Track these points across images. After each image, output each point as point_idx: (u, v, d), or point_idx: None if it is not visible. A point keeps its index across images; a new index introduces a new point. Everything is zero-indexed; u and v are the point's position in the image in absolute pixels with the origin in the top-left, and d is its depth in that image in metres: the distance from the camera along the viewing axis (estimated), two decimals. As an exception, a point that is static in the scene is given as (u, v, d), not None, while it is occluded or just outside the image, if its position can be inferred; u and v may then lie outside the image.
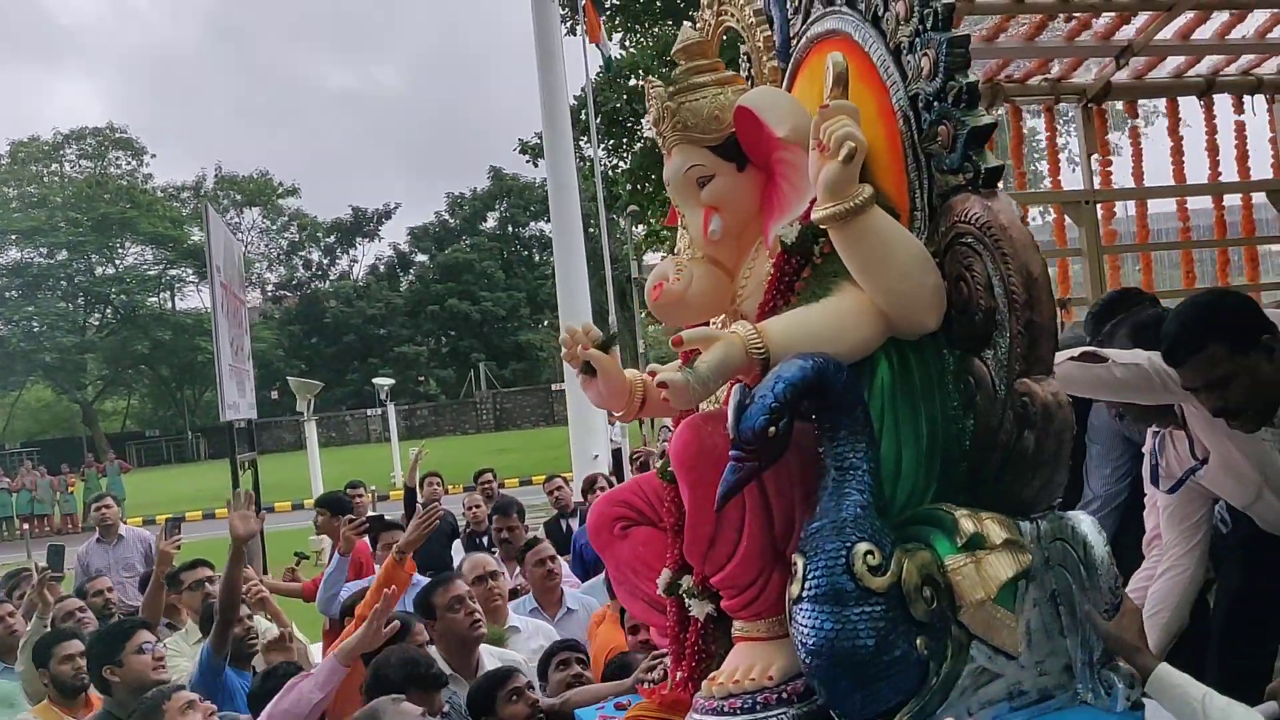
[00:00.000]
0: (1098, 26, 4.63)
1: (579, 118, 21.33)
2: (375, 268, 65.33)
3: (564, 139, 15.04)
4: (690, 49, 2.87)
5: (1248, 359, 2.98)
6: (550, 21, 15.28)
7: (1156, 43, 4.76)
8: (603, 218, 22.90)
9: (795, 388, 2.27)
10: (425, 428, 51.27)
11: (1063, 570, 2.49)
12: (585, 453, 13.99)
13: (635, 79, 26.48)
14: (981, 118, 2.49)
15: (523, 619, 5.55)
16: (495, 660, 4.57)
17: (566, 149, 15.23)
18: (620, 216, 33.50)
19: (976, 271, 2.44)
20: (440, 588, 4.73)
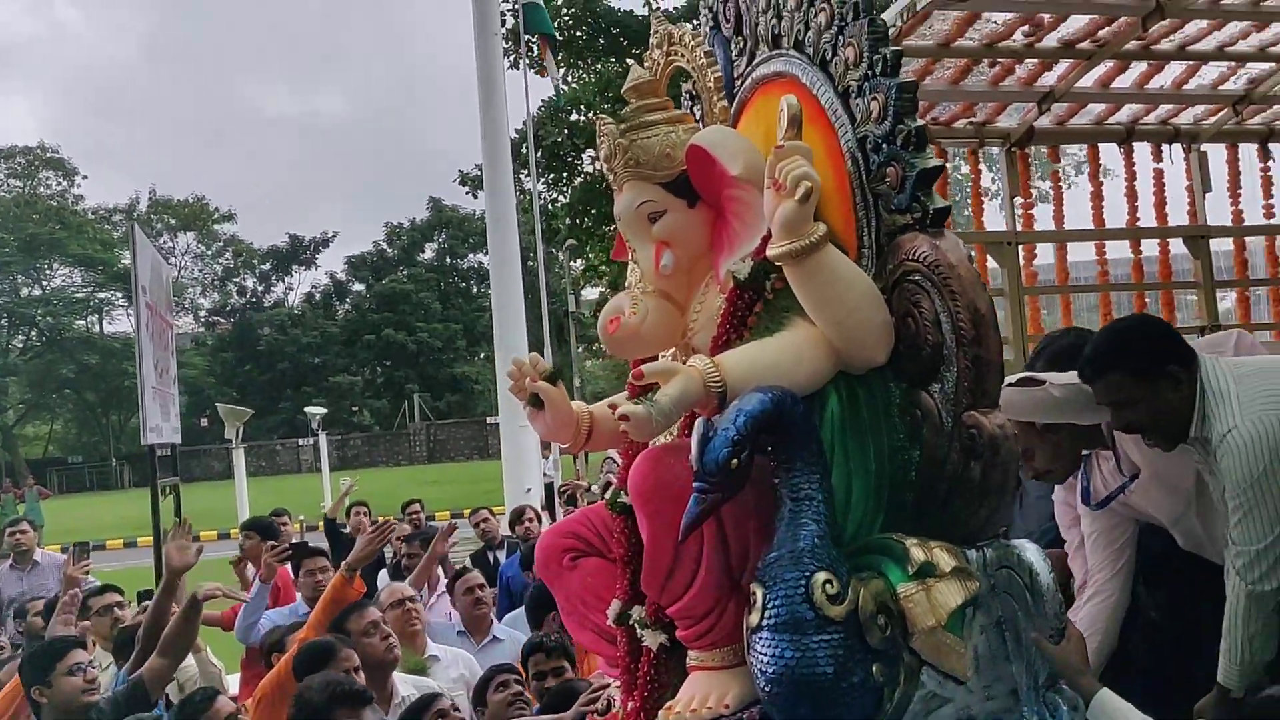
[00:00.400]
0: (1021, 73, 4.74)
1: (520, 151, 21.38)
2: (311, 296, 64.71)
3: (504, 171, 15.06)
4: (641, 88, 2.93)
5: (1150, 386, 3.12)
6: (493, 54, 15.33)
7: (1077, 90, 4.87)
8: (540, 251, 22.92)
9: (756, 420, 2.31)
10: (358, 458, 50.73)
11: (1008, 597, 2.55)
12: (518, 486, 13.92)
13: (577, 114, 26.69)
14: (930, 160, 2.57)
15: (442, 648, 5.52)
16: (410, 688, 4.53)
17: (506, 181, 15.25)
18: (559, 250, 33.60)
19: (924, 308, 2.51)
20: (354, 614, 4.70)
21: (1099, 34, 4.49)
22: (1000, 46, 4.48)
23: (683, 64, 3.02)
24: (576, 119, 26.65)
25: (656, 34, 3.05)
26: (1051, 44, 4.55)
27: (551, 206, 28.43)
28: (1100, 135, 5.29)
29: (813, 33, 2.84)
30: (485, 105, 14.96)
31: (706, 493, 2.30)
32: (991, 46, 4.45)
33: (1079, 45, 4.56)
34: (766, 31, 3.05)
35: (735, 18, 3.20)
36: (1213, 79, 5.08)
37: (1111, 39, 4.52)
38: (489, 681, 4.46)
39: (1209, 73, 5.02)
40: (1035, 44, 4.52)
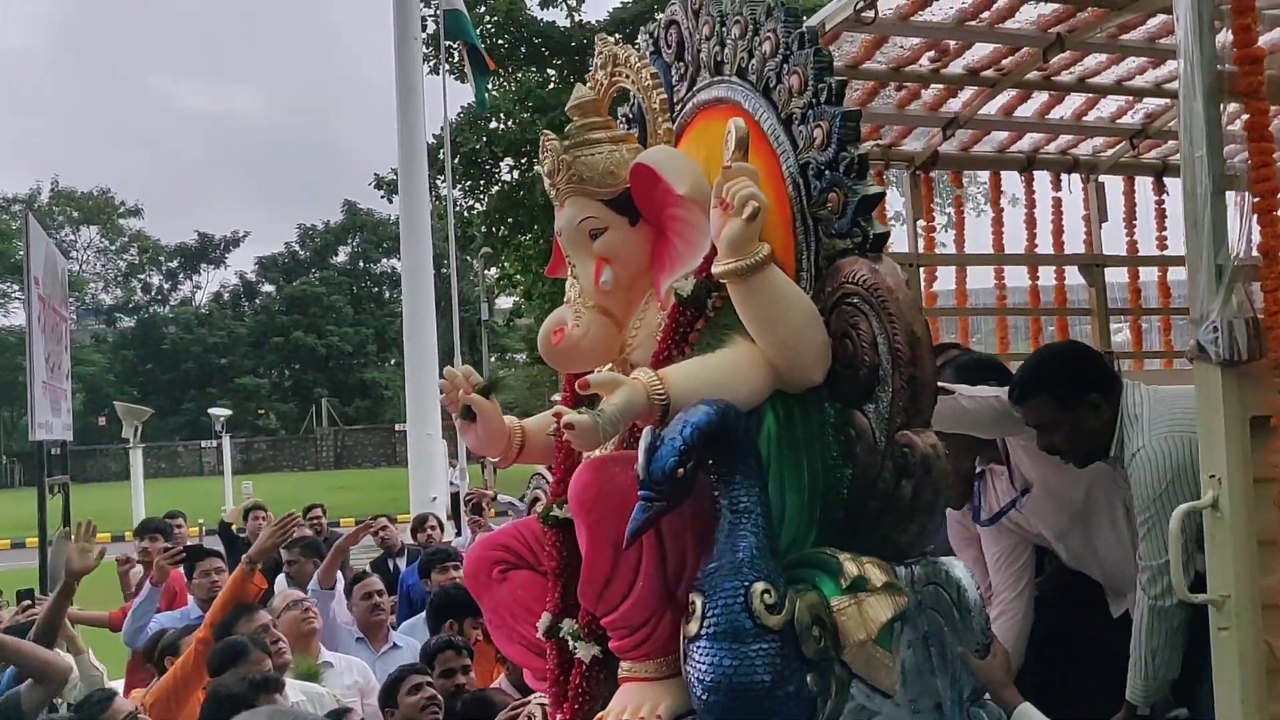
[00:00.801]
0: (927, 97, 4.82)
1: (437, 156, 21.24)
2: (219, 295, 63.59)
3: (420, 176, 14.99)
4: (585, 106, 2.98)
5: (1073, 412, 3.28)
6: (412, 59, 15.25)
7: (981, 117, 4.98)
8: (453, 258, 22.77)
9: (702, 431, 2.37)
10: (262, 462, 49.88)
11: (935, 613, 2.63)
12: (424, 494, 13.84)
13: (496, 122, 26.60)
14: (871, 187, 2.66)
15: (336, 655, 5.45)
16: (299, 694, 4.46)
17: (422, 187, 15.17)
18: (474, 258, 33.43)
19: (862, 330, 2.58)
20: (244, 617, 4.64)
21: (1002, 63, 4.60)
22: (907, 71, 4.56)
23: (628, 85, 3.09)
24: (495, 127, 26.56)
25: (601, 54, 3.11)
26: (957, 70, 4.65)
27: (467, 214, 28.26)
28: (1002, 163, 5.40)
29: (756, 60, 2.92)
30: (403, 109, 14.88)
31: (652, 501, 2.36)
32: (898, 70, 4.53)
33: (983, 73, 4.66)
34: (709, 58, 3.13)
35: (677, 43, 3.27)
36: (1111, 112, 5.21)
37: (1014, 68, 4.63)
38: (400, 682, 4.41)
39: (1108, 106, 5.16)
40: (941, 70, 4.61)
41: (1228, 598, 2.67)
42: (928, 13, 4.11)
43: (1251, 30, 2.74)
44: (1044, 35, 4.34)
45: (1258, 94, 2.74)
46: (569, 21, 28.03)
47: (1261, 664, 2.67)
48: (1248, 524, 2.67)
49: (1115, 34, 4.42)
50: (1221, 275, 2.66)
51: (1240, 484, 2.67)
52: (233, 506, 21.52)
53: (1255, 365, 2.67)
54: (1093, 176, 5.50)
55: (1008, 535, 3.83)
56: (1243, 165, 2.74)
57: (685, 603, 2.48)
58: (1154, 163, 5.52)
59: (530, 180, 26.76)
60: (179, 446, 52.09)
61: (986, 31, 4.29)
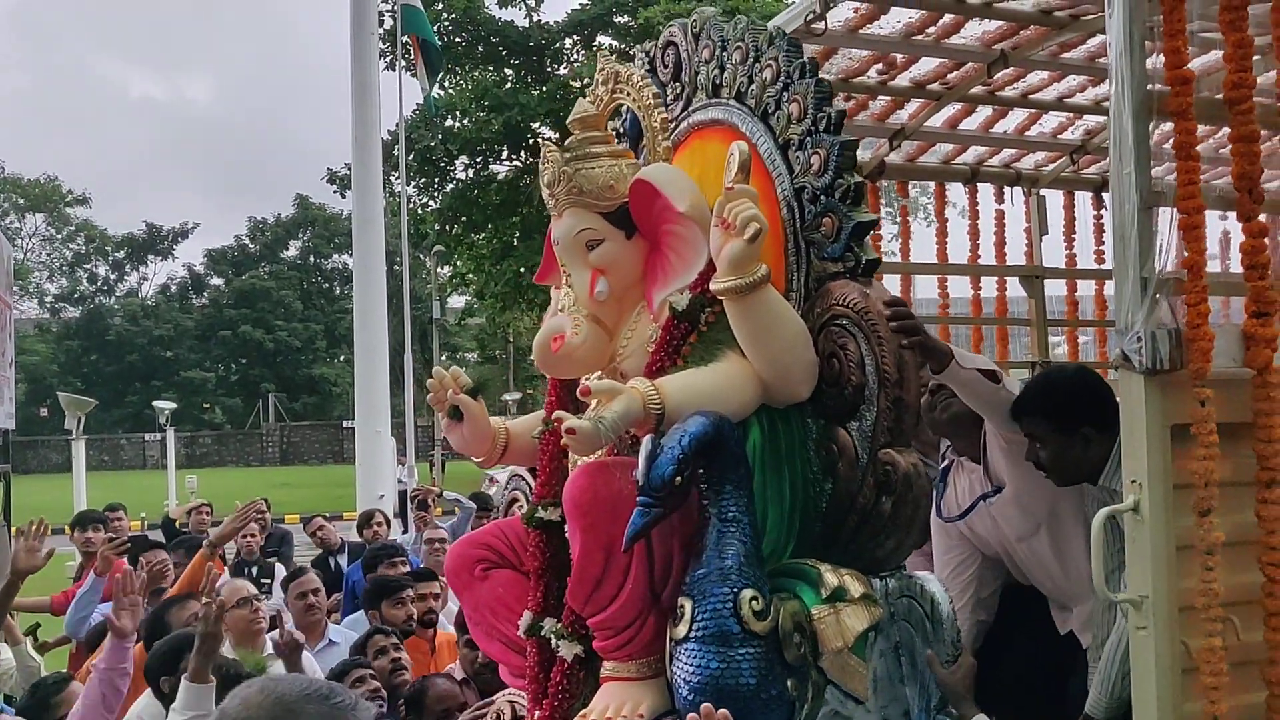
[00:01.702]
0: (874, 108, 4.92)
1: (391, 152, 21.14)
2: (166, 287, 62.75)
3: (373, 172, 14.92)
4: (586, 120, 3.08)
5: (1063, 438, 3.34)
6: (368, 54, 15.19)
7: (927, 129, 5.08)
8: (405, 255, 22.67)
9: (699, 441, 2.48)
10: (207, 456, 49.31)
11: (907, 624, 2.76)
12: (371, 492, 13.77)
13: (452, 120, 26.51)
14: (865, 215, 2.79)
15: (284, 650, 5.44)
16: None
17: (375, 183, 15.10)
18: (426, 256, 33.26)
19: (850, 350, 2.70)
20: (175, 606, 4.61)
21: (948, 77, 4.71)
22: (855, 82, 4.67)
23: (629, 103, 3.19)
24: (451, 125, 26.46)
25: (603, 71, 3.22)
26: (904, 83, 4.75)
27: (421, 211, 28.13)
28: (947, 174, 5.52)
29: (756, 86, 3.05)
30: (358, 104, 14.82)
31: (650, 507, 2.46)
32: (847, 81, 4.63)
33: (929, 86, 4.77)
34: (707, 80, 3.25)
35: (674, 65, 3.40)
36: (1053, 128, 5.35)
37: (959, 82, 4.74)
38: (343, 676, 4.43)
39: (1049, 122, 5.28)
40: (888, 82, 4.71)
41: (1146, 598, 2.76)
42: (876, 26, 4.21)
43: (1182, 52, 2.84)
44: (988, 51, 4.46)
45: (1187, 114, 2.85)
46: (527, 21, 27.99)
47: (1178, 664, 2.77)
48: (1166, 528, 2.77)
49: (1057, 52, 4.55)
50: (1146, 287, 2.76)
51: (1160, 489, 2.77)
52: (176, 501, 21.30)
53: (1177, 375, 2.77)
54: (1034, 190, 5.63)
55: (961, 544, 3.92)
56: (1169, 182, 2.84)
57: (670, 606, 2.59)
58: (1093, 178, 5.65)
59: (485, 179, 26.72)
60: (122, 439, 51.39)
61: (932, 46, 4.40)
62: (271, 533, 10.12)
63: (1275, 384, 2.82)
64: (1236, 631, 2.79)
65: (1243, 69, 2.88)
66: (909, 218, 5.91)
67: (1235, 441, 2.83)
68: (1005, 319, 5.71)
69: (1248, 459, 2.84)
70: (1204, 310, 2.78)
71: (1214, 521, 2.75)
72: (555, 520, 2.99)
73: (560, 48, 28.02)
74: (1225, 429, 2.78)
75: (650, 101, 3.10)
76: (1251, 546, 2.83)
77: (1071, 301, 5.86)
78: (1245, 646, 2.80)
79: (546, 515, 3.01)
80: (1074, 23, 4.21)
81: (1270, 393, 2.81)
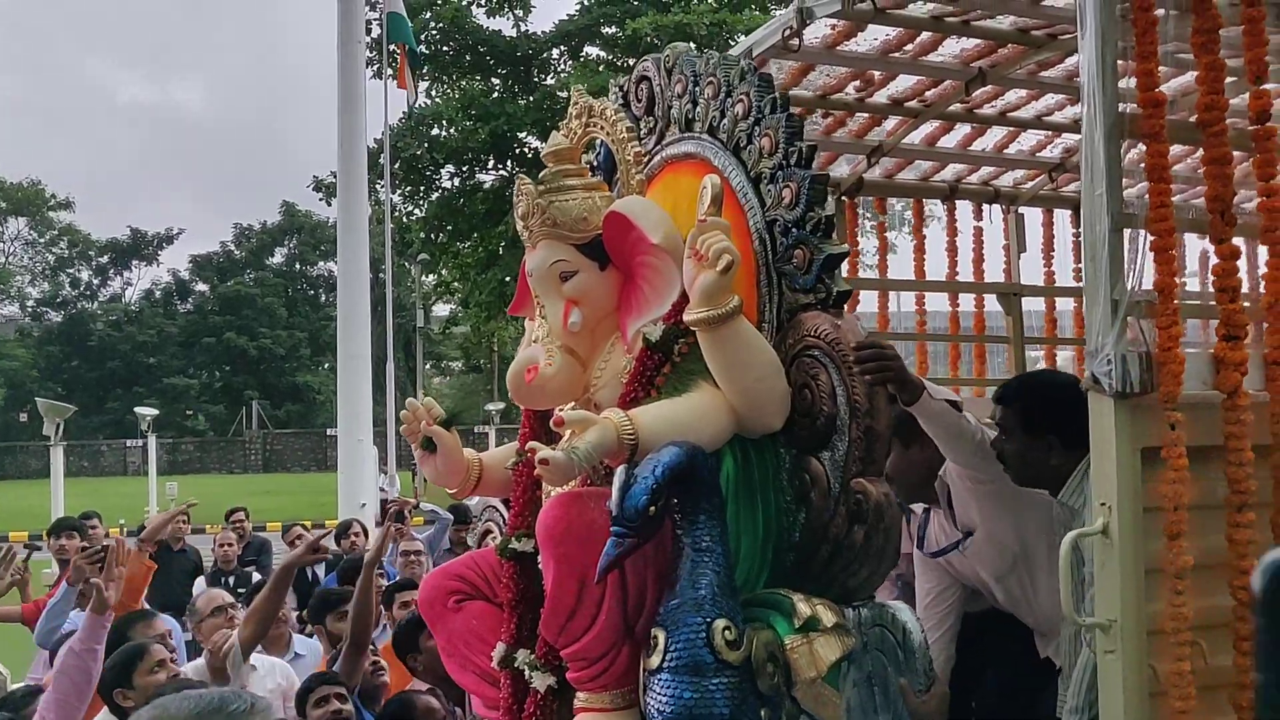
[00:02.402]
0: (852, 125, 4.92)
1: (377, 161, 21.10)
2: (150, 293, 62.30)
3: (359, 180, 14.90)
4: (560, 153, 3.10)
5: (1028, 438, 3.36)
6: (355, 62, 15.19)
7: (905, 146, 5.09)
8: (389, 263, 22.62)
9: (672, 470, 2.49)
10: (189, 463, 49.05)
11: (879, 654, 2.76)
12: (353, 500, 13.72)
13: (438, 128, 26.46)
14: (837, 247, 2.83)
15: (260, 657, 5.39)
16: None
17: (360, 191, 15.08)
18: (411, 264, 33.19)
19: (822, 381, 2.73)
20: (140, 623, 4.56)
21: (926, 94, 4.71)
22: (833, 99, 4.66)
23: (602, 136, 3.24)
24: (437, 134, 26.42)
25: (577, 105, 3.26)
26: (881, 100, 4.75)
27: (406, 219, 28.05)
28: (925, 191, 5.52)
29: (728, 120, 3.08)
30: (344, 112, 14.80)
31: (624, 538, 2.47)
32: (825, 98, 4.63)
33: (907, 104, 4.77)
34: (680, 114, 3.29)
35: (648, 99, 3.44)
36: (1031, 146, 5.35)
37: (937, 100, 4.74)
38: (309, 692, 4.38)
39: (1028, 139, 5.29)
40: (866, 99, 4.71)
41: (1114, 622, 2.76)
42: (853, 43, 4.21)
43: (1154, 74, 2.85)
44: (966, 69, 4.46)
45: (1159, 136, 2.85)
46: (515, 31, 27.98)
47: (1145, 688, 2.76)
48: (1135, 551, 2.76)
49: (1035, 70, 4.55)
50: (1117, 309, 2.76)
51: (1130, 512, 2.76)
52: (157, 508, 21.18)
53: (1147, 398, 2.77)
54: (1013, 208, 5.63)
55: (941, 574, 3.92)
56: (1141, 203, 2.84)
57: (643, 637, 2.59)
58: (1072, 196, 5.65)
59: (470, 188, 26.66)
60: (103, 445, 51.05)
61: (910, 64, 4.40)
62: (250, 541, 10.08)
63: (1245, 407, 2.82)
64: (1205, 655, 2.78)
65: (1215, 91, 2.88)
66: (887, 234, 5.90)
67: (1205, 465, 2.83)
68: (983, 336, 5.71)
69: (1218, 482, 2.84)
70: (1175, 333, 2.78)
71: (1184, 545, 2.74)
72: (529, 551, 3.00)
73: (547, 58, 28.00)
74: (1195, 452, 2.78)
75: (624, 135, 3.14)
76: (1221, 570, 2.82)
77: (1050, 319, 5.86)
78: (1214, 670, 2.79)
79: (520, 546, 3.03)
80: (1051, 42, 4.21)
81: (1240, 416, 2.81)
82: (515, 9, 28.26)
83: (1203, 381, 2.85)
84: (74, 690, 3.86)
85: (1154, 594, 2.77)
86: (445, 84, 28.19)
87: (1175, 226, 2.83)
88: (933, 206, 5.74)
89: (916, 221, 5.71)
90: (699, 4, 24.49)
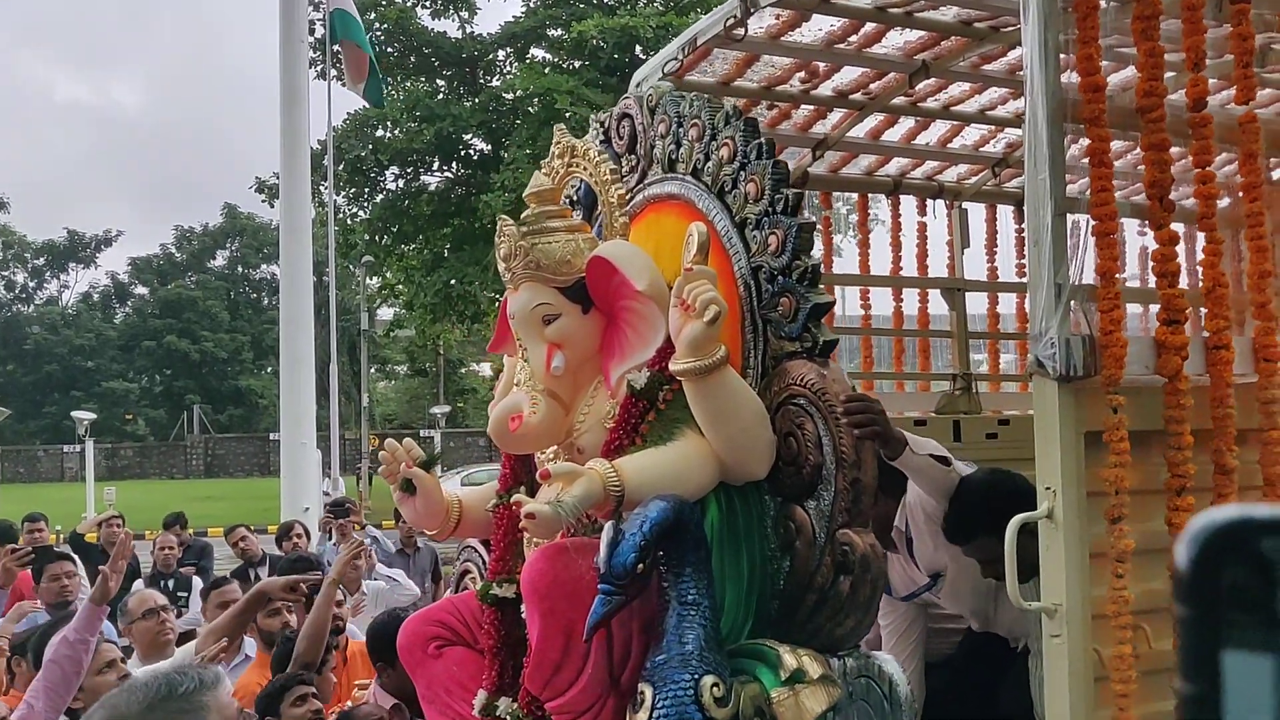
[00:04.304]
0: (797, 118, 4.91)
1: (320, 162, 20.89)
2: (88, 296, 61.35)
3: (302, 181, 14.69)
4: (542, 195, 3.09)
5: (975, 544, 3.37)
6: (298, 61, 14.97)
7: (849, 139, 5.09)
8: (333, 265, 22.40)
9: (659, 527, 2.48)
10: (129, 469, 48.28)
11: (865, 704, 2.74)
12: (296, 504, 13.52)
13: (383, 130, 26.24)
14: (823, 297, 2.85)
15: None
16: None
17: (304, 192, 14.87)
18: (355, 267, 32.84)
19: (807, 430, 2.73)
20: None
21: (870, 87, 4.72)
22: (778, 90, 4.65)
23: (585, 176, 3.21)
24: (382, 135, 26.19)
25: (559, 144, 3.24)
26: (826, 93, 4.74)
27: (350, 221, 27.78)
28: (870, 185, 5.53)
29: (713, 164, 3.08)
30: (286, 112, 14.58)
31: (612, 595, 2.46)
32: (769, 90, 4.61)
33: (852, 96, 4.77)
34: (663, 155, 3.28)
35: (629, 136, 3.43)
36: (974, 140, 5.38)
37: (881, 93, 4.75)
38: (285, 690, 4.26)
39: (971, 134, 5.32)
40: (811, 91, 4.70)
41: (1059, 606, 2.76)
42: (797, 34, 4.20)
43: (1095, 60, 2.86)
44: (910, 61, 4.47)
45: (1100, 121, 2.86)
46: (460, 33, 27.84)
47: (1090, 672, 2.77)
48: (1080, 536, 2.77)
49: (978, 64, 4.57)
50: (1061, 294, 2.77)
51: (1074, 497, 2.77)
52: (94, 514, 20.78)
53: (1090, 382, 2.78)
54: (957, 203, 5.65)
55: (905, 613, 3.92)
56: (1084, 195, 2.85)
57: (628, 689, 2.59)
58: (1015, 191, 5.68)
59: (415, 190, 26.46)
60: (39, 450, 50.12)
61: (854, 55, 4.40)
62: (190, 545, 9.90)
63: (1185, 391, 2.84)
64: (1148, 639, 2.79)
65: (1154, 78, 2.90)
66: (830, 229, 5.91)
67: (1147, 449, 2.85)
68: (927, 331, 5.73)
69: (1159, 467, 2.85)
70: (1117, 317, 2.79)
71: (1125, 529, 2.75)
72: (510, 597, 3.00)
73: (493, 59, 27.89)
74: (1137, 436, 2.80)
75: (608, 177, 3.13)
76: (1163, 554, 2.83)
77: (993, 315, 5.90)
78: (1155, 655, 2.80)
79: (501, 592, 3.02)
80: (994, 34, 4.23)
81: (1181, 400, 2.83)
82: (460, 11, 28.14)
83: (1144, 366, 2.86)
84: (63, 680, 3.77)
85: (1097, 578, 2.78)
86: (390, 85, 27.98)
87: (1117, 212, 2.85)
88: (877, 202, 5.74)
89: (861, 217, 5.71)
90: (645, 7, 24.55)
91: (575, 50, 24.12)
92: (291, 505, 13.58)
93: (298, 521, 9.62)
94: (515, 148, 23.34)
